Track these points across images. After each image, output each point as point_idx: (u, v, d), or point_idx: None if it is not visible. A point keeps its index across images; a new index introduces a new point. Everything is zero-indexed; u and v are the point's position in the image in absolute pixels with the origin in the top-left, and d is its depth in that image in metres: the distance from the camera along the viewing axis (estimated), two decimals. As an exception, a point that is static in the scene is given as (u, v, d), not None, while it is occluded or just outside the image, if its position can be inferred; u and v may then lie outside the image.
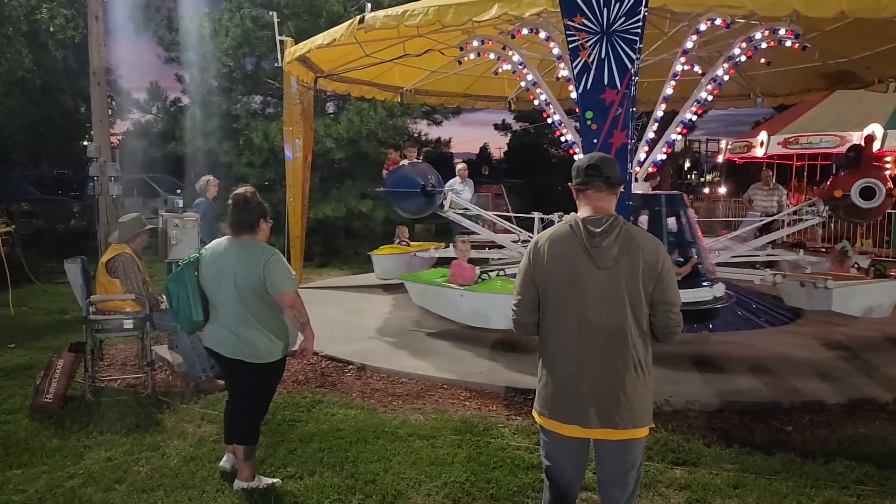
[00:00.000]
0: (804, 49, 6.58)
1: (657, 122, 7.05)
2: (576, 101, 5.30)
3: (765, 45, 6.47)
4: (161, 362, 6.04)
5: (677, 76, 6.79)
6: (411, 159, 9.31)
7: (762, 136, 15.02)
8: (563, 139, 7.29)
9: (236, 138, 13.30)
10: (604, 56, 4.96)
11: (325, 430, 4.52)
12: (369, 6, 6.88)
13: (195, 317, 3.74)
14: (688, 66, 6.74)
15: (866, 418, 4.75)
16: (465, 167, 11.87)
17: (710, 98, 7.08)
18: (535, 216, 9.00)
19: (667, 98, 6.94)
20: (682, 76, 6.84)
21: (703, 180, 32.11)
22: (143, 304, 5.39)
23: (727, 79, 6.96)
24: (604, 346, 2.53)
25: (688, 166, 33.46)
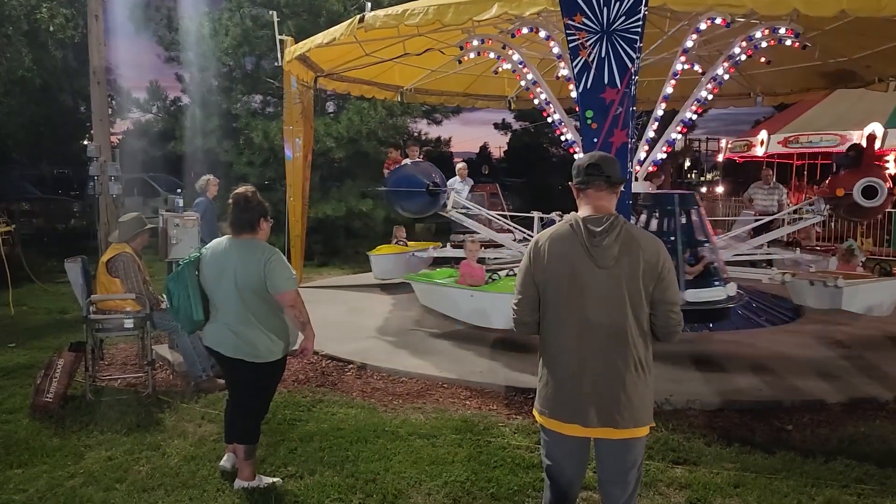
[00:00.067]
0: (804, 48, 6.59)
1: (657, 121, 7.05)
2: (576, 101, 5.31)
3: (765, 45, 6.48)
4: (161, 362, 6.04)
5: (677, 75, 6.79)
6: (414, 158, 9.30)
7: (762, 135, 15.01)
8: (563, 138, 7.29)
9: (236, 138, 13.31)
10: (604, 55, 4.97)
11: (325, 429, 4.52)
12: (369, 5, 6.89)
13: (195, 316, 3.75)
14: (688, 66, 6.75)
15: (867, 417, 4.75)
16: (465, 166, 11.89)
17: (710, 97, 7.09)
18: (535, 215, 9.01)
19: (667, 97, 6.95)
20: (682, 75, 6.85)
21: (703, 179, 32.08)
22: (144, 303, 5.39)
23: (727, 78, 6.97)
24: (604, 345, 2.54)
25: (688, 165, 33.45)
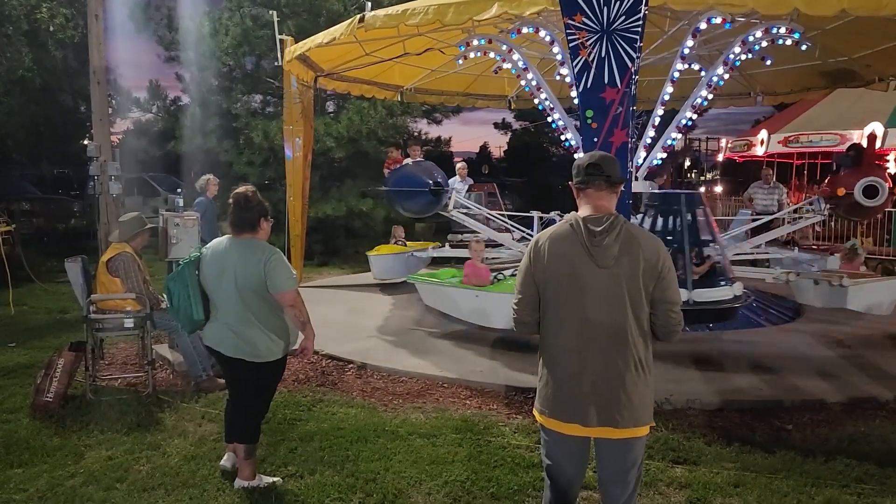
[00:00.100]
0: (800, 46, 6.56)
1: (658, 118, 7.03)
2: (576, 100, 5.31)
3: (765, 44, 6.47)
4: (162, 361, 6.04)
5: (676, 77, 6.78)
6: (415, 158, 9.29)
7: (762, 134, 15.00)
8: (563, 138, 7.29)
9: (236, 137, 13.31)
10: (604, 55, 4.97)
11: (325, 428, 4.53)
12: (369, 5, 6.89)
13: (196, 316, 3.75)
14: (687, 66, 6.74)
15: (866, 417, 4.75)
16: (465, 166, 11.90)
17: (710, 97, 7.08)
18: (535, 215, 9.00)
19: (666, 99, 6.93)
20: (682, 75, 6.84)
21: (703, 179, 32.10)
22: (144, 303, 5.39)
23: (727, 77, 6.96)
24: (604, 344, 2.54)
25: (688, 165, 33.46)
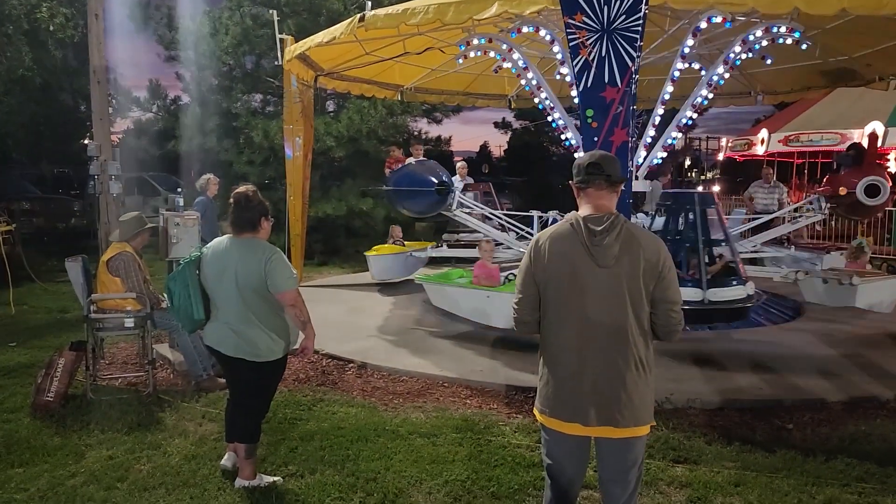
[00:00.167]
0: (800, 45, 6.56)
1: (659, 117, 7.03)
2: (576, 100, 5.30)
3: (765, 43, 6.47)
4: (162, 361, 6.04)
5: (677, 76, 6.77)
6: (418, 157, 9.26)
7: (763, 133, 15.00)
8: (563, 137, 7.29)
9: (236, 137, 13.31)
10: (604, 54, 4.97)
11: (325, 428, 4.53)
12: (370, 4, 6.88)
13: (196, 315, 3.75)
14: (687, 65, 6.73)
15: (867, 416, 4.75)
16: (465, 165, 11.90)
17: (711, 96, 7.08)
18: (534, 214, 8.98)
19: (666, 98, 6.93)
20: (683, 74, 6.83)
21: (703, 178, 32.11)
22: (144, 302, 5.39)
23: (727, 76, 6.96)
24: (605, 344, 2.54)
25: (688, 164, 33.45)
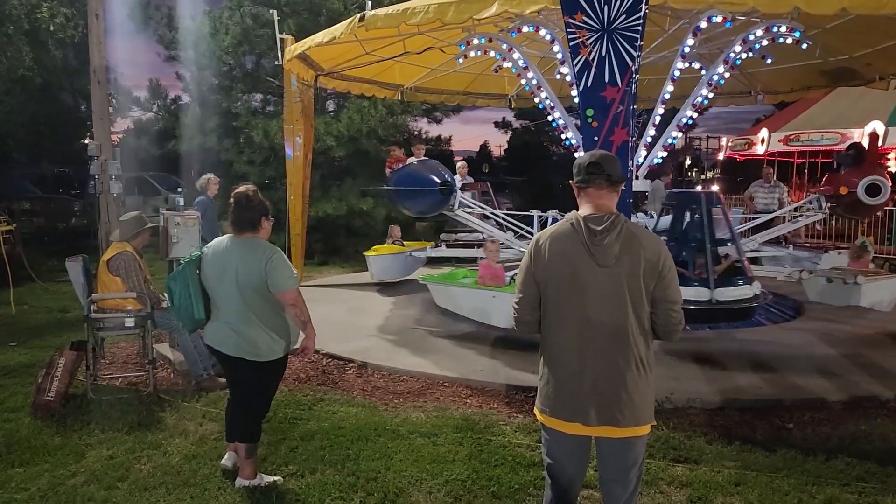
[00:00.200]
0: (800, 44, 6.56)
1: (659, 117, 7.03)
2: (577, 99, 5.30)
3: (766, 43, 6.47)
4: (162, 360, 6.04)
5: (677, 76, 6.77)
6: (419, 157, 9.24)
7: (763, 133, 15.00)
8: (563, 137, 7.28)
9: (237, 136, 13.31)
10: (605, 53, 4.97)
11: (326, 427, 4.53)
12: (370, 4, 6.87)
13: (197, 315, 3.75)
14: (687, 64, 6.73)
15: (868, 415, 4.75)
16: (465, 165, 11.91)
17: (711, 96, 7.08)
18: (534, 214, 8.98)
19: (666, 97, 6.93)
20: (683, 73, 6.83)
21: (703, 177, 32.13)
22: (145, 302, 5.39)
23: (728, 76, 6.95)
24: (605, 344, 2.54)
25: (688, 164, 33.47)
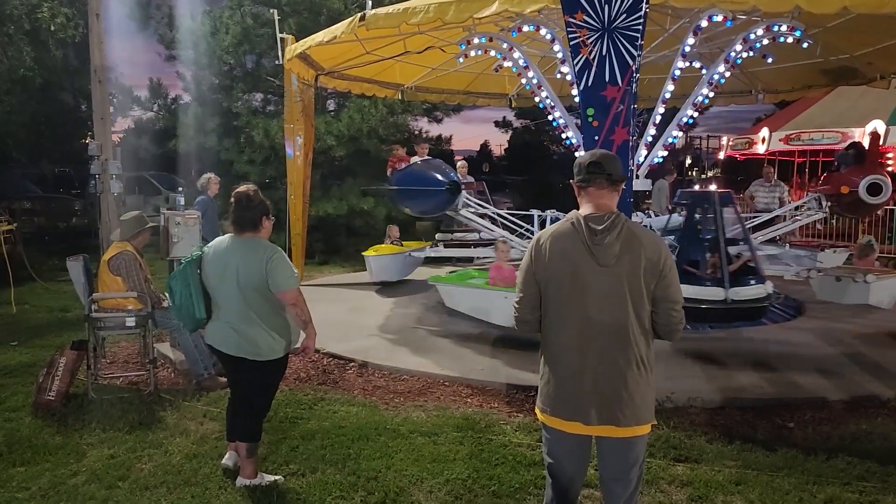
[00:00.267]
0: (801, 44, 6.55)
1: (659, 116, 7.02)
2: (577, 98, 5.30)
3: (766, 42, 6.46)
4: (163, 360, 6.05)
5: (677, 75, 6.76)
6: (423, 156, 9.22)
7: (764, 132, 15.00)
8: (564, 136, 7.28)
9: (237, 136, 13.30)
10: (605, 53, 4.96)
11: (326, 427, 4.53)
12: (370, 3, 6.87)
13: (198, 314, 3.75)
14: (688, 63, 6.72)
15: (868, 415, 4.75)
16: (465, 164, 11.90)
17: (712, 95, 7.07)
18: (534, 213, 8.97)
19: (667, 97, 6.92)
20: (683, 73, 6.82)
21: (703, 176, 32.14)
22: (145, 301, 5.40)
23: (728, 75, 6.95)
24: (606, 343, 2.54)
25: (689, 163, 33.46)
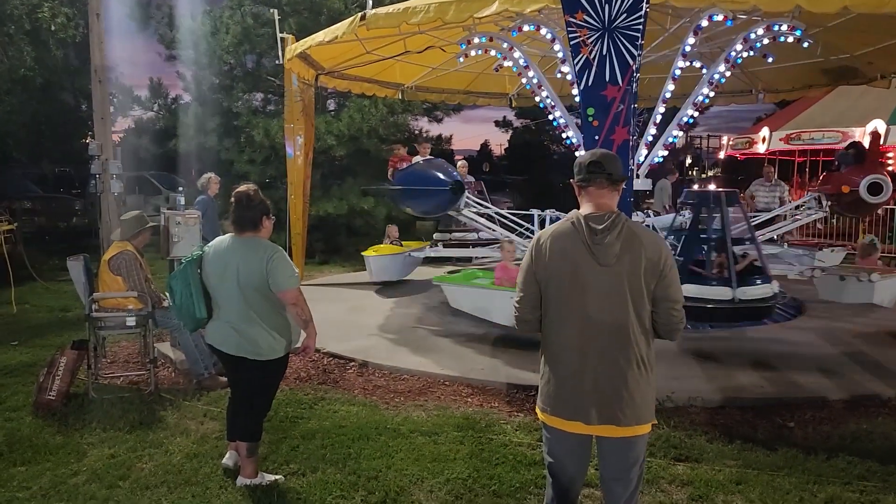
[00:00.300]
0: (801, 43, 6.55)
1: (660, 116, 7.02)
2: (577, 98, 5.29)
3: (767, 41, 6.46)
4: (164, 359, 6.05)
5: (678, 74, 6.76)
6: (425, 156, 9.22)
7: (764, 131, 15.00)
8: (564, 136, 7.27)
9: (237, 136, 13.31)
10: (605, 52, 4.96)
11: (327, 426, 4.53)
12: (370, 3, 6.88)
13: (198, 314, 3.76)
14: (688, 63, 6.72)
15: (869, 414, 4.75)
16: (466, 164, 11.89)
17: (712, 95, 7.07)
18: (534, 213, 8.96)
19: (667, 96, 6.92)
20: (684, 72, 6.82)
21: (704, 176, 32.16)
22: (146, 301, 5.40)
23: (728, 74, 6.94)
24: (606, 343, 2.54)
25: (689, 162, 33.47)
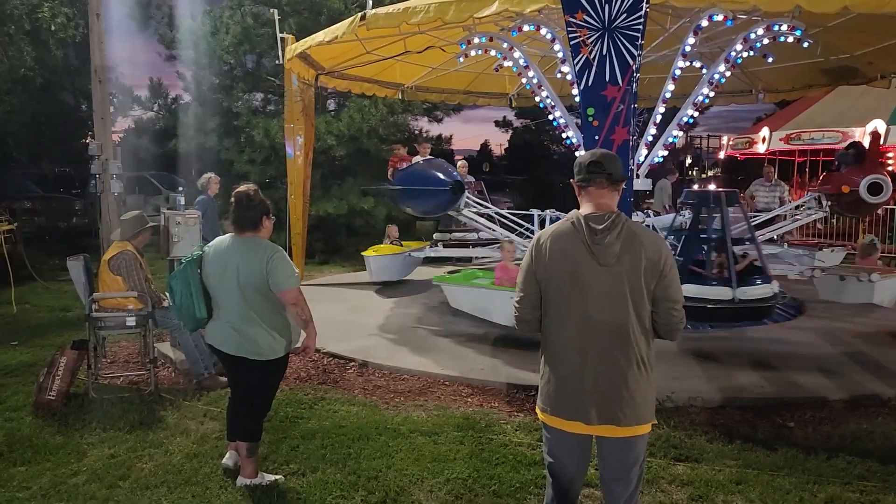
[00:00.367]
0: (801, 43, 6.55)
1: (660, 116, 7.02)
2: (577, 98, 5.29)
3: (767, 41, 6.46)
4: (164, 359, 6.05)
5: (678, 74, 6.76)
6: (425, 156, 9.22)
7: (764, 131, 15.00)
8: (564, 136, 7.27)
9: (237, 136, 13.31)
10: (605, 52, 4.96)
11: (327, 426, 4.53)
12: (370, 3, 6.88)
13: (198, 314, 3.76)
14: (688, 63, 6.72)
15: (869, 414, 4.75)
16: (466, 164, 11.89)
17: (712, 95, 7.07)
18: (534, 213, 8.95)
19: (667, 96, 6.92)
20: (684, 72, 6.82)
21: (704, 176, 32.16)
22: (146, 301, 5.40)
23: (728, 74, 6.94)
24: (606, 342, 2.54)
25: (689, 162, 33.48)
